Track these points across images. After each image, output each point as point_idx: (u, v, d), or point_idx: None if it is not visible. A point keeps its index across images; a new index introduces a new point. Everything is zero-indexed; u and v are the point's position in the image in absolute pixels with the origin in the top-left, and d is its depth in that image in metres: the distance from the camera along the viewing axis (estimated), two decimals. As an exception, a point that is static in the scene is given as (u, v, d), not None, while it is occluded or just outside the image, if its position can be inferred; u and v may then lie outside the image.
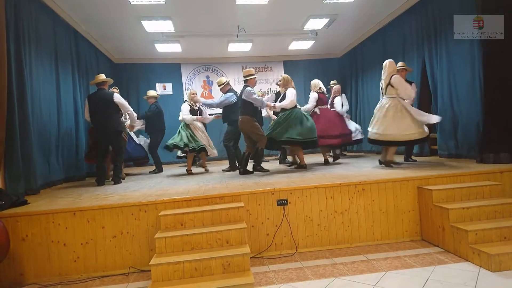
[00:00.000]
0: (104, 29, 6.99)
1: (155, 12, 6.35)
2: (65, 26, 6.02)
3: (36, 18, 4.96)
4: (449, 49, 5.54)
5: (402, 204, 3.82)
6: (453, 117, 5.51)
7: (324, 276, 2.99)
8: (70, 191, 4.63)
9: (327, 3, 6.35)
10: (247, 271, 2.90)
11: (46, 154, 5.01)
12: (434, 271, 2.94)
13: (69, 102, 5.96)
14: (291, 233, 3.63)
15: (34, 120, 4.64)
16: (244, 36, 7.72)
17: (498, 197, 3.67)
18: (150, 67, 9.37)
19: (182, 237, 3.11)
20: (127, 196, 3.92)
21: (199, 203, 3.55)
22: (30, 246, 3.29)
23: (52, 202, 3.79)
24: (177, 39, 7.84)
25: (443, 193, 3.61)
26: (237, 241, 3.15)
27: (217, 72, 9.87)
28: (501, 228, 3.18)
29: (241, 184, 4.21)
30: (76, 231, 3.35)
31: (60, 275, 3.30)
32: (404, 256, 3.34)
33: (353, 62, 9.17)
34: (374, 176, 4.08)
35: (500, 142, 4.44)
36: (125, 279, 3.22)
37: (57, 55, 5.61)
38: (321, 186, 3.72)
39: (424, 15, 6.14)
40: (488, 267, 2.89)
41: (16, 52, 4.33)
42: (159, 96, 7.59)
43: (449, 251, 3.37)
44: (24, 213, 3.32)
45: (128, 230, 3.41)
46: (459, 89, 5.39)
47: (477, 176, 3.94)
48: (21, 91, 4.36)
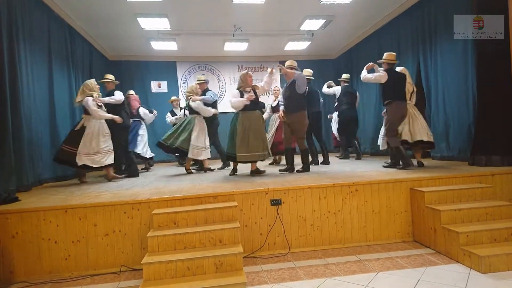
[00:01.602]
0: (99, 26, 6.93)
1: (151, 9, 6.31)
2: (60, 22, 5.96)
3: (30, 13, 4.91)
4: (443, 52, 5.59)
5: (395, 205, 3.85)
6: (445, 119, 5.57)
7: (316, 276, 3.00)
8: (63, 189, 4.59)
9: (324, 4, 6.37)
10: (239, 271, 2.89)
11: (39, 151, 4.95)
12: (425, 272, 2.96)
13: (63, 99, 5.90)
14: (284, 233, 3.63)
15: (26, 117, 4.60)
16: (240, 35, 7.72)
17: (490, 199, 3.71)
18: (145, 64, 9.32)
19: (175, 236, 3.09)
20: (119, 194, 3.89)
21: (193, 202, 3.54)
22: (21, 244, 3.25)
23: (44, 199, 3.75)
24: (173, 37, 7.81)
25: (435, 195, 3.64)
26: (230, 240, 3.15)
27: (212, 71, 9.85)
28: (492, 230, 3.22)
29: (234, 184, 4.21)
30: (67, 229, 3.32)
31: (51, 273, 3.27)
32: (396, 257, 3.36)
33: (348, 63, 9.21)
34: (367, 177, 4.10)
35: (492, 145, 4.49)
36: (116, 278, 3.20)
37: (51, 51, 5.55)
38: (314, 187, 3.73)
39: (419, 18, 6.19)
40: (478, 268, 2.92)
41: (9, 47, 4.27)
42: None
43: (441, 253, 3.40)
44: (15, 210, 3.28)
45: (121, 229, 3.39)
46: (452, 91, 5.44)
47: (469, 179, 3.98)
48: (13, 87, 4.31)
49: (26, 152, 4.52)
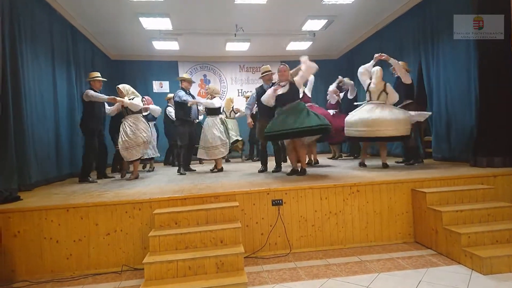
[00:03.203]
0: (101, 25, 6.95)
1: (153, 9, 6.32)
2: (62, 20, 5.97)
3: (32, 12, 4.92)
4: (446, 53, 5.58)
5: (396, 206, 3.84)
6: (447, 120, 5.56)
7: (317, 276, 3.00)
8: (65, 188, 4.59)
9: (326, 4, 6.37)
10: (240, 271, 2.89)
11: (41, 150, 4.96)
12: (426, 273, 2.96)
13: (65, 98, 5.91)
14: (285, 233, 3.63)
15: (29, 116, 4.61)
16: (242, 35, 7.72)
17: (491, 200, 3.70)
18: (147, 64, 9.33)
19: (176, 236, 3.10)
20: (121, 193, 3.89)
21: (194, 202, 3.54)
22: (22, 243, 3.25)
23: (46, 199, 3.76)
24: (174, 37, 7.81)
25: (436, 196, 3.63)
26: (231, 240, 3.15)
27: (214, 71, 9.86)
28: (493, 231, 3.21)
29: (236, 184, 4.21)
30: (69, 228, 3.32)
31: (52, 272, 3.28)
32: (397, 258, 3.35)
33: (350, 64, 9.18)
34: (369, 177, 4.10)
35: (494, 146, 4.48)
36: (118, 277, 3.20)
37: (54, 50, 5.57)
38: (316, 187, 3.73)
39: (421, 18, 6.19)
40: (479, 270, 2.91)
41: (11, 46, 4.29)
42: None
43: (442, 254, 3.39)
44: (17, 209, 3.29)
45: (122, 228, 3.39)
46: (454, 92, 5.44)
47: (470, 180, 3.97)
48: (15, 85, 4.32)
49: (29, 151, 4.53)
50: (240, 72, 9.98)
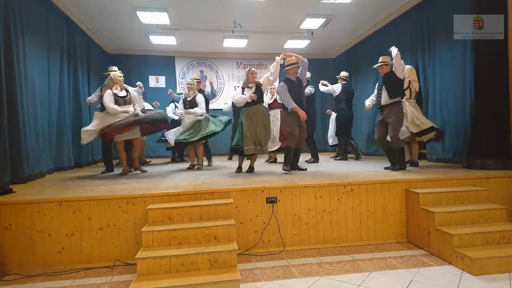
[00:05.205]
0: (98, 18, 6.87)
1: (151, 3, 6.27)
2: (58, 13, 5.89)
3: (28, 3, 4.85)
4: (442, 54, 5.61)
5: (390, 206, 3.87)
6: (442, 121, 5.59)
7: (310, 274, 3.01)
8: (58, 182, 4.56)
9: (324, 3, 6.36)
10: (234, 268, 2.90)
11: (36, 142, 4.91)
12: (418, 273, 2.98)
13: (60, 91, 5.85)
14: (279, 231, 3.64)
15: (23, 108, 4.55)
16: (240, 32, 7.69)
17: (483, 202, 3.74)
18: (143, 59, 9.27)
19: (170, 232, 3.09)
20: (115, 188, 3.87)
21: (188, 198, 3.53)
22: (14, 236, 3.23)
23: (39, 192, 3.72)
24: (172, 32, 7.76)
25: (430, 197, 3.66)
26: (225, 237, 3.15)
27: (211, 67, 9.82)
28: (485, 233, 3.25)
29: (231, 181, 4.21)
30: (61, 222, 3.30)
31: (44, 266, 3.25)
32: (390, 257, 3.38)
33: (347, 63, 9.20)
34: (363, 177, 4.12)
35: (487, 148, 4.52)
36: (110, 272, 3.19)
37: (49, 42, 5.49)
38: (310, 186, 3.74)
39: (419, 19, 6.20)
40: (470, 270, 2.94)
41: (5, 38, 4.23)
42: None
43: (434, 254, 3.42)
44: (9, 202, 3.26)
45: (115, 223, 3.38)
46: (449, 94, 5.47)
47: (463, 181, 4.01)
48: (10, 78, 4.26)
49: (23, 143, 4.47)
50: (237, 69, 9.95)
